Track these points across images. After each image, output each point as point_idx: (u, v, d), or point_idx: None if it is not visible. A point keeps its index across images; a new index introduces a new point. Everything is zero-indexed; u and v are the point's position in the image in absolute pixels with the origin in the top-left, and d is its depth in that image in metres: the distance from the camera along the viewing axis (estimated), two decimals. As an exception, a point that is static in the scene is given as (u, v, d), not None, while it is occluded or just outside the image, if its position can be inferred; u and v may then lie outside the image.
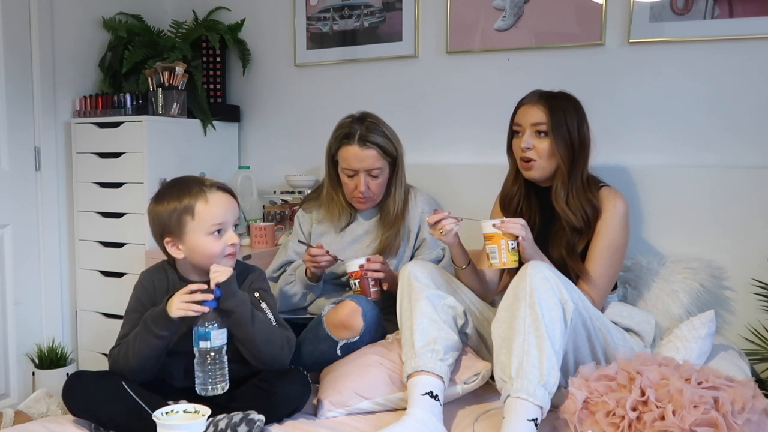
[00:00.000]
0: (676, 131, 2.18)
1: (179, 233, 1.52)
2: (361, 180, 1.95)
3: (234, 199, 1.59)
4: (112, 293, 2.61)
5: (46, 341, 2.60)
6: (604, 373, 1.41)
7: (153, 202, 1.57)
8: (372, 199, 2.01)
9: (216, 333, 1.42)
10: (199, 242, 1.52)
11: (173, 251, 1.55)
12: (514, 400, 1.38)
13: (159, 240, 1.57)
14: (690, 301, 1.96)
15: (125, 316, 1.59)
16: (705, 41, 2.12)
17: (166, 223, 1.53)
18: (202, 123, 2.74)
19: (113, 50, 2.78)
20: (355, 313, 1.73)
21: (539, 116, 1.76)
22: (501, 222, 1.60)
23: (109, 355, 1.55)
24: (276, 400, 1.48)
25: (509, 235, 1.60)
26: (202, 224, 1.51)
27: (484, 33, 2.43)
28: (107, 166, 2.58)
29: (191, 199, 1.51)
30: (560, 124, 1.75)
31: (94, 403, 1.44)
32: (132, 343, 1.49)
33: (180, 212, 1.51)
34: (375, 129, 1.96)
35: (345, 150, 1.96)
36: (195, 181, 1.56)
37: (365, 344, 1.76)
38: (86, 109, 2.66)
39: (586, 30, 2.27)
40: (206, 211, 1.51)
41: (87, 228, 2.66)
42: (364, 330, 1.73)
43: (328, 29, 2.72)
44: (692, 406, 1.27)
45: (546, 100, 1.78)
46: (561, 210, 1.77)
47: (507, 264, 1.61)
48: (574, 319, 1.49)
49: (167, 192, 1.56)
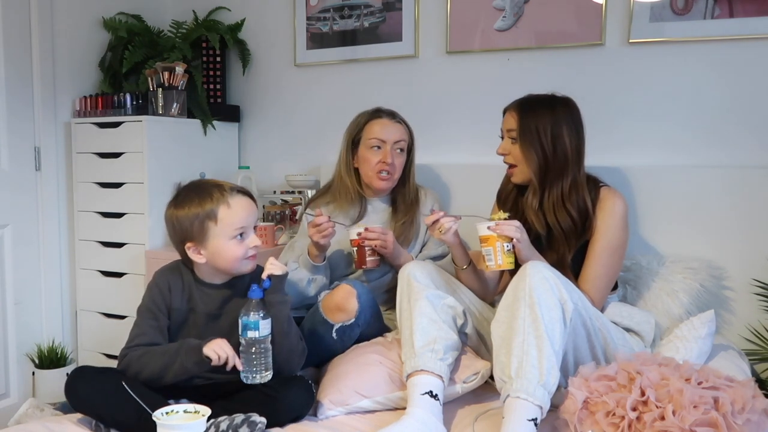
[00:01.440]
0: (675, 131, 2.18)
1: (202, 239, 1.52)
2: (389, 151, 2.00)
3: (254, 202, 1.60)
4: (112, 293, 2.61)
5: (46, 341, 2.61)
6: (604, 373, 1.42)
7: (172, 207, 1.56)
8: (392, 178, 2.04)
9: (264, 323, 1.45)
10: (222, 247, 1.52)
11: (195, 256, 1.55)
12: (514, 399, 1.38)
13: (179, 245, 1.57)
14: (690, 301, 1.96)
15: (138, 315, 1.59)
16: (705, 41, 2.12)
17: (188, 229, 1.53)
18: (202, 123, 2.74)
19: (113, 50, 2.78)
20: (349, 296, 1.75)
21: (511, 123, 1.79)
22: (495, 224, 1.61)
23: (122, 355, 1.54)
24: (279, 407, 1.48)
25: (504, 237, 1.60)
26: (226, 229, 1.52)
27: (484, 33, 2.43)
28: (107, 166, 2.58)
29: (213, 204, 1.52)
30: (528, 132, 1.74)
31: (96, 399, 1.44)
32: (154, 358, 1.48)
33: (203, 218, 1.51)
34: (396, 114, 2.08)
35: (375, 122, 2.03)
36: (215, 186, 1.56)
37: (360, 328, 1.78)
38: (86, 109, 2.67)
39: (586, 30, 2.27)
40: (229, 216, 1.52)
41: (87, 228, 2.67)
42: (358, 312, 1.74)
43: (328, 29, 2.72)
44: (692, 406, 1.27)
45: (520, 107, 1.79)
46: (528, 218, 1.76)
47: (502, 266, 1.61)
48: (573, 318, 1.49)
49: (187, 197, 1.55)
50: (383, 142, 2.00)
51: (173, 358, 1.47)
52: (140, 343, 1.53)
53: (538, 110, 1.76)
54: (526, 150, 1.75)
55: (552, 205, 1.75)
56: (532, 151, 1.74)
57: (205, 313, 1.59)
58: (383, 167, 2.00)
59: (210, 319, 1.58)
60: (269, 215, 2.66)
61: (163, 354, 1.49)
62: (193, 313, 1.59)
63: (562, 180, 1.74)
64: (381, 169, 2.01)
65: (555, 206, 1.74)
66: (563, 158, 1.74)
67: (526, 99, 1.81)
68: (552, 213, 1.74)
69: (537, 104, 1.78)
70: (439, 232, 1.69)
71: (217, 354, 1.43)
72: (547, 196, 1.75)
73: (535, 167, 1.75)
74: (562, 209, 1.74)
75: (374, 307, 1.83)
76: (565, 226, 1.74)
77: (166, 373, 1.47)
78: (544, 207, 1.76)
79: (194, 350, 1.46)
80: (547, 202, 1.75)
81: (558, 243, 1.75)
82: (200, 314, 1.59)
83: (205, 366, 1.45)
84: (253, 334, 1.44)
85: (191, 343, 1.48)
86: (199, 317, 1.59)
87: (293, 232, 2.53)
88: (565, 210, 1.74)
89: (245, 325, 1.45)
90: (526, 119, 1.75)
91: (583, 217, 1.75)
